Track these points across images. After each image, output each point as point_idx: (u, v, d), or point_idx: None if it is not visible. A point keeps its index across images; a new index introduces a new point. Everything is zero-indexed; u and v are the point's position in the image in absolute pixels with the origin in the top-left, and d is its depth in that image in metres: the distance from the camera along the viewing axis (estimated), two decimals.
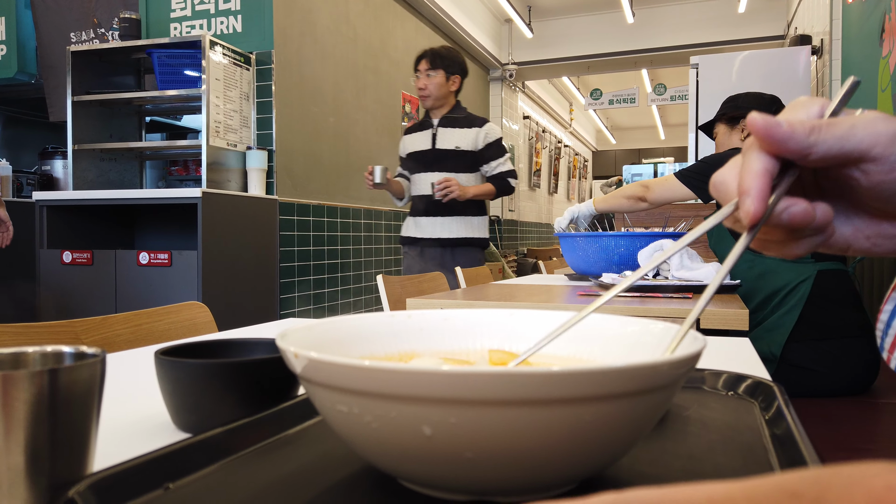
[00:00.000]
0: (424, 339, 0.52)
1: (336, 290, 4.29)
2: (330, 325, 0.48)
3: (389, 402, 0.31)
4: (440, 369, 0.29)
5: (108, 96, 3.41)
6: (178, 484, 0.38)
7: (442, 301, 1.49)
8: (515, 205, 8.19)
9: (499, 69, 7.47)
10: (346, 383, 0.32)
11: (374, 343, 0.50)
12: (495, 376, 0.29)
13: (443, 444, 0.31)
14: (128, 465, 0.37)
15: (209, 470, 0.40)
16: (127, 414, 0.59)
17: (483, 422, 0.30)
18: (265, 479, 0.39)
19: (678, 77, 8.83)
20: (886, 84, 2.79)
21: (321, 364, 0.32)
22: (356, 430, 0.34)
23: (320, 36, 4.10)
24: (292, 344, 0.36)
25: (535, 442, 0.31)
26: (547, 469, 0.33)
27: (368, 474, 0.40)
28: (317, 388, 0.34)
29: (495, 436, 0.31)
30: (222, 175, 3.31)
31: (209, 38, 3.18)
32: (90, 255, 3.09)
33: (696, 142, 4.58)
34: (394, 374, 0.30)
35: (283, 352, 0.36)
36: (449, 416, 0.30)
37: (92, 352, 0.39)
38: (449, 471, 0.33)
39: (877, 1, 3.02)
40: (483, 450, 0.31)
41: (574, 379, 0.29)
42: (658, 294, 1.51)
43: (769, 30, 6.35)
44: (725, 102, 2.36)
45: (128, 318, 1.12)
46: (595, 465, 0.36)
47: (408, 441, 0.32)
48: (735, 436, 0.47)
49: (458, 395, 0.29)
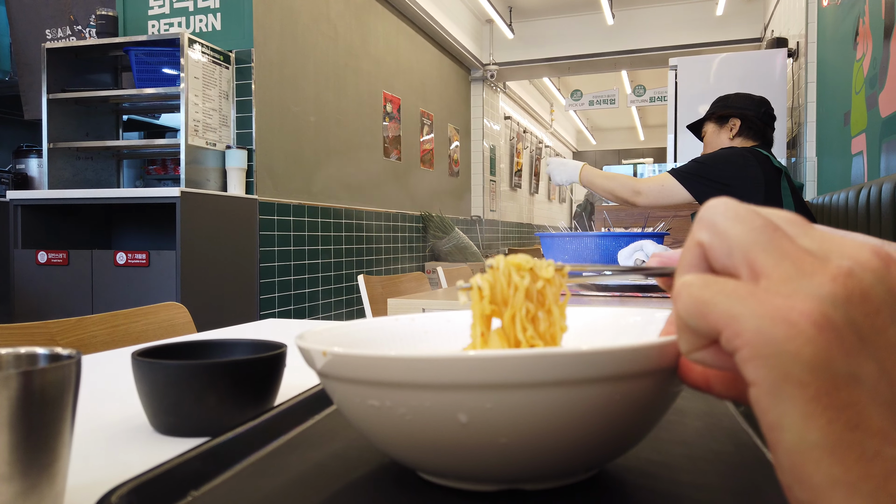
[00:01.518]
0: (429, 341, 0.52)
1: (317, 290, 4.27)
2: (339, 330, 0.47)
3: (425, 392, 0.31)
4: (476, 354, 0.30)
5: (85, 94, 3.36)
6: (202, 491, 0.38)
7: (423, 301, 1.49)
8: (497, 205, 8.21)
9: (480, 69, 7.48)
10: (380, 376, 0.32)
11: (379, 347, 0.50)
12: (531, 358, 0.29)
13: (478, 431, 0.32)
14: (153, 473, 0.37)
15: (227, 476, 0.40)
16: (103, 417, 0.58)
17: (519, 405, 0.31)
18: (283, 482, 0.39)
19: (657, 78, 8.92)
20: (860, 87, 2.84)
21: (353, 359, 0.33)
22: (387, 424, 0.34)
23: (300, 35, 4.08)
24: (313, 344, 0.36)
25: (570, 423, 0.32)
26: (578, 452, 0.34)
27: (387, 471, 0.40)
28: (344, 385, 0.34)
29: (531, 419, 0.31)
30: (201, 174, 3.28)
31: (188, 36, 3.15)
32: (66, 255, 3.04)
33: (674, 143, 4.63)
34: (430, 362, 0.30)
35: (306, 351, 0.36)
36: (485, 401, 0.31)
37: (67, 353, 0.38)
38: (481, 459, 0.33)
39: (851, 4, 3.07)
40: (518, 434, 0.32)
41: (607, 357, 0.30)
42: (637, 293, 1.52)
43: (746, 32, 6.43)
44: (715, 102, 2.39)
45: (104, 319, 1.11)
46: (623, 446, 0.37)
47: (442, 431, 0.32)
48: (716, 422, 0.49)
49: (495, 379, 0.30)
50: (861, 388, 0.21)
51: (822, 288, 0.22)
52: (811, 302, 0.22)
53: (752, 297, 0.23)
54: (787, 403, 0.22)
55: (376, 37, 5.18)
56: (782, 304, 0.22)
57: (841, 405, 0.21)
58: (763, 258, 0.24)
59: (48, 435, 0.34)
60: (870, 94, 2.68)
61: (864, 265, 0.23)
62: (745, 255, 0.24)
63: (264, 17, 3.68)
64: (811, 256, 0.23)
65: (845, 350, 0.21)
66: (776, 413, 0.22)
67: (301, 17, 4.08)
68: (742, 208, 0.25)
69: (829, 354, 0.21)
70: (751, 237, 0.24)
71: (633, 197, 2.25)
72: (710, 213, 0.26)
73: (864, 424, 0.21)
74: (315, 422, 0.51)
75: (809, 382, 0.21)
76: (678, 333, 0.27)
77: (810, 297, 0.22)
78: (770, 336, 0.22)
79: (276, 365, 0.56)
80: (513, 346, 0.40)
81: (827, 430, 0.21)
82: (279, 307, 3.83)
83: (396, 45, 5.58)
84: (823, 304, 0.22)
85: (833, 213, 2.89)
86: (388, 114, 5.35)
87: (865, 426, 0.21)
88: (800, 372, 0.21)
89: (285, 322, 1.23)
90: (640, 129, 13.50)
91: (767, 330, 0.22)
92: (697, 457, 0.42)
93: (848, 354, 0.21)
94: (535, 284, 0.40)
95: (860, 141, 2.83)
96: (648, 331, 0.47)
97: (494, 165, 8.10)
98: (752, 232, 0.24)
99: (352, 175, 4.73)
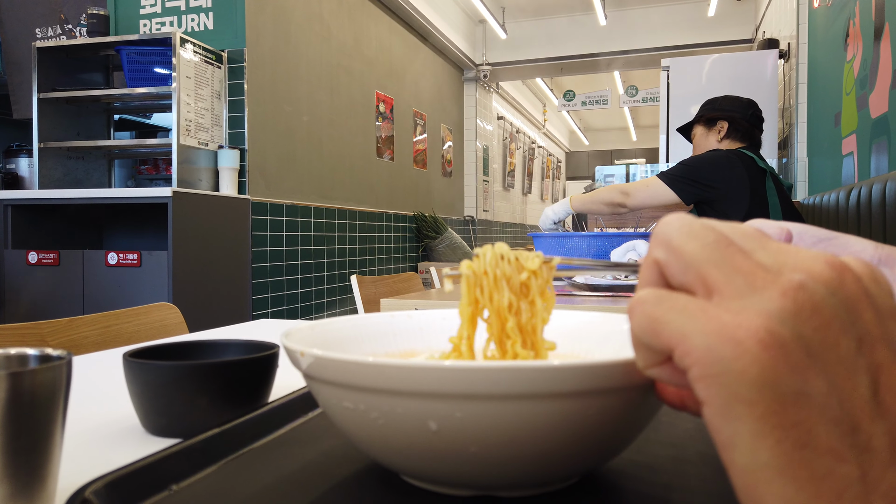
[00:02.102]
0: (424, 338, 0.52)
1: (310, 290, 4.26)
2: (330, 325, 0.48)
3: (396, 398, 0.31)
4: (446, 365, 0.30)
5: (76, 93, 3.35)
6: (182, 485, 0.38)
7: (416, 301, 1.48)
8: (490, 205, 8.22)
9: (473, 70, 7.48)
10: (353, 380, 0.32)
11: (374, 342, 0.50)
12: (500, 371, 0.29)
13: (448, 439, 0.32)
14: (135, 466, 0.37)
15: (211, 470, 0.41)
16: (95, 418, 0.58)
17: (488, 416, 0.31)
18: (267, 479, 0.39)
19: (649, 79, 8.94)
20: (851, 88, 2.86)
21: (328, 362, 0.33)
22: (362, 426, 0.34)
23: (293, 34, 4.07)
24: (297, 343, 0.36)
25: (540, 436, 0.32)
26: (551, 463, 0.34)
27: (371, 471, 0.40)
28: (322, 386, 0.35)
29: (500, 430, 0.31)
30: (193, 174, 3.27)
31: (180, 36, 3.14)
32: (56, 255, 3.02)
33: (667, 143, 4.64)
34: (400, 370, 0.30)
35: (289, 350, 0.36)
36: (455, 410, 0.31)
37: (57, 354, 0.38)
38: (454, 466, 0.33)
39: (842, 6, 3.09)
40: (488, 444, 0.32)
41: (580, 373, 0.30)
42: (629, 293, 1.53)
43: (738, 33, 6.46)
44: (704, 105, 2.41)
45: (95, 320, 1.10)
46: (599, 459, 0.37)
47: (413, 437, 0.32)
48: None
49: (464, 389, 0.30)
50: (810, 405, 0.21)
51: (772, 303, 0.22)
52: (759, 318, 0.21)
53: (702, 314, 0.23)
54: (737, 423, 0.21)
55: (369, 36, 5.18)
56: (730, 322, 0.22)
57: (789, 424, 0.21)
58: (715, 274, 0.24)
59: (39, 437, 0.34)
60: (860, 95, 2.69)
61: (817, 277, 0.22)
62: (698, 271, 0.24)
63: (256, 16, 3.67)
64: (764, 271, 0.23)
65: (791, 367, 0.21)
66: (727, 433, 0.22)
67: (294, 17, 4.07)
68: (697, 224, 0.25)
69: (775, 372, 0.21)
70: (704, 253, 0.24)
71: (622, 198, 2.28)
72: (666, 229, 0.26)
73: (813, 443, 0.20)
74: (303, 421, 0.51)
75: (757, 401, 0.21)
76: (634, 350, 0.26)
77: (758, 313, 0.22)
78: (718, 355, 0.22)
79: (269, 366, 0.56)
80: (496, 337, 0.40)
81: (776, 450, 0.21)
82: (272, 308, 3.82)
83: (389, 44, 5.57)
84: (771, 321, 0.21)
85: (824, 213, 2.91)
86: (381, 114, 5.34)
87: (815, 444, 0.20)
88: (747, 391, 0.21)
89: (278, 322, 1.22)
90: (633, 129, 13.55)
91: (715, 348, 0.22)
92: (683, 459, 0.42)
93: (794, 371, 0.21)
94: (520, 276, 0.40)
95: (850, 142, 2.85)
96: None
97: (487, 166, 8.11)
98: (705, 248, 0.24)
99: (345, 175, 4.72)
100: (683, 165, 2.25)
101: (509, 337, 0.40)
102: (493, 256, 0.40)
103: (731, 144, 2.35)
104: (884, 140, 2.38)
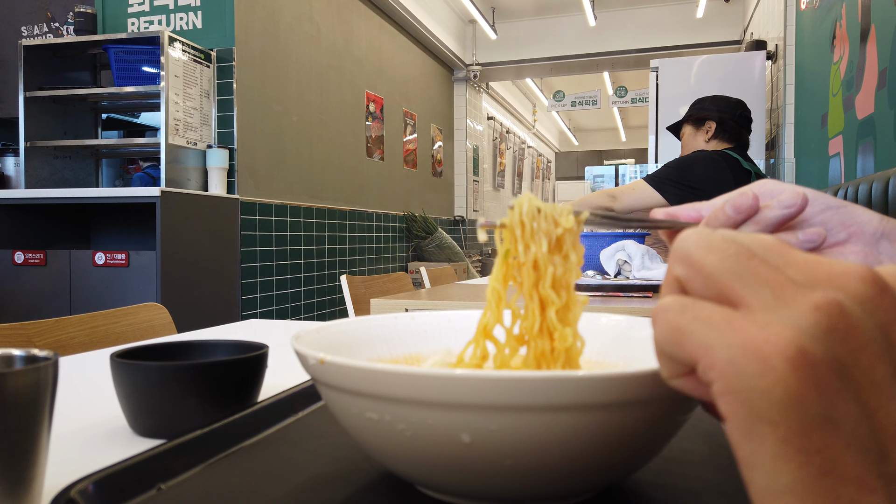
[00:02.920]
0: (429, 341, 0.51)
1: (299, 290, 4.25)
2: (336, 329, 0.47)
3: (427, 410, 0.30)
4: (484, 374, 0.28)
5: (63, 92, 3.32)
6: (170, 484, 0.38)
7: (406, 301, 1.48)
8: (480, 205, 8.23)
9: (463, 70, 7.49)
10: (381, 390, 0.30)
11: (379, 346, 0.49)
12: (542, 381, 0.28)
13: (481, 452, 0.30)
14: (122, 465, 0.37)
15: (199, 469, 0.40)
16: (82, 419, 0.58)
17: (527, 428, 0.29)
18: (255, 478, 0.39)
19: (639, 80, 8.98)
20: (837, 89, 2.88)
21: (352, 371, 0.31)
22: (385, 438, 0.33)
23: (283, 34, 4.05)
24: (307, 348, 0.35)
25: (578, 447, 0.30)
26: (583, 474, 0.33)
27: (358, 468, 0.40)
28: (342, 395, 0.33)
29: (539, 442, 0.30)
30: (182, 174, 3.25)
31: (168, 34, 3.12)
32: (43, 255, 3.00)
33: (655, 144, 4.67)
34: (435, 379, 0.29)
35: (304, 357, 0.34)
36: (490, 422, 0.29)
37: (44, 355, 0.37)
38: (483, 479, 0.32)
39: (828, 8, 3.12)
40: (524, 457, 0.30)
41: (629, 382, 0.29)
42: (619, 293, 1.53)
43: (726, 35, 6.50)
44: (693, 104, 2.43)
45: (83, 321, 1.09)
46: (631, 469, 0.36)
47: (443, 449, 0.31)
48: (696, 423, 0.48)
49: (503, 401, 0.28)
50: (838, 431, 0.19)
51: (803, 318, 0.20)
52: (788, 334, 0.20)
53: (727, 326, 0.21)
54: (758, 442, 0.20)
55: (359, 36, 5.17)
56: (756, 335, 0.20)
57: (813, 449, 0.19)
58: (739, 287, 0.22)
59: (24, 438, 0.34)
60: (846, 96, 2.72)
61: (855, 296, 0.21)
62: (720, 285, 0.23)
63: (246, 15, 3.65)
64: (794, 285, 0.21)
65: (821, 390, 0.20)
66: (748, 451, 0.20)
67: (283, 16, 4.05)
68: (716, 236, 0.24)
69: (802, 395, 0.19)
70: (725, 266, 0.23)
71: (609, 202, 2.31)
72: (684, 244, 0.24)
73: (838, 470, 0.19)
74: (292, 421, 0.50)
75: (780, 423, 0.20)
76: (658, 359, 0.25)
77: (788, 328, 0.20)
78: (741, 370, 0.20)
79: (258, 366, 0.56)
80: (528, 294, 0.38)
81: (798, 475, 0.19)
82: (261, 308, 3.81)
83: (379, 44, 5.57)
84: (802, 337, 0.20)
85: None
86: (371, 113, 5.33)
87: (840, 472, 0.19)
88: (770, 411, 0.20)
89: (267, 323, 1.21)
90: (622, 130, 13.59)
91: (739, 363, 0.20)
92: (667, 457, 0.42)
93: (824, 395, 0.20)
94: (556, 230, 0.39)
95: (837, 142, 2.87)
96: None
97: (477, 166, 8.12)
98: (726, 260, 0.23)
99: (334, 175, 4.71)
100: (668, 168, 2.27)
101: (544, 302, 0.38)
102: (530, 209, 0.38)
103: (718, 145, 2.37)
104: (870, 141, 2.40)
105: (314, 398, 0.55)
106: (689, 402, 0.32)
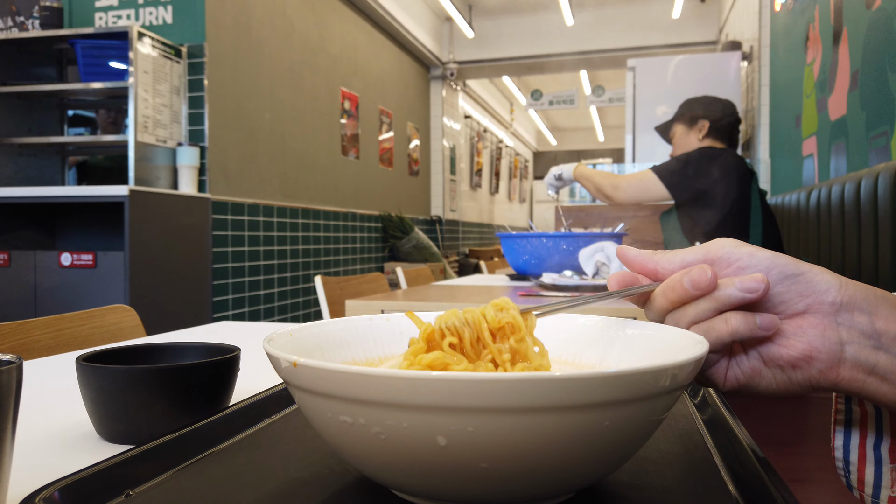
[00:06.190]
0: (405, 344, 0.51)
1: (272, 291, 4.19)
2: (309, 331, 0.46)
3: (403, 412, 0.29)
4: (462, 376, 0.28)
5: (28, 88, 3.25)
6: (139, 490, 0.37)
7: (382, 303, 1.45)
8: (457, 205, 8.22)
9: (440, 68, 7.47)
10: (355, 393, 0.30)
11: (354, 348, 0.49)
12: (517, 382, 0.28)
13: (457, 455, 0.30)
14: (89, 471, 0.36)
15: (169, 475, 0.40)
16: (47, 425, 0.56)
17: (504, 430, 0.29)
18: (226, 483, 0.39)
19: (616, 79, 9.04)
20: (811, 90, 2.91)
21: (326, 373, 0.31)
22: (359, 441, 0.32)
23: (255, 29, 3.99)
24: (279, 350, 0.34)
25: (554, 449, 0.30)
26: (559, 476, 0.33)
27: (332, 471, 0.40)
28: (316, 399, 0.33)
29: (516, 444, 0.30)
30: (151, 172, 3.18)
31: (137, 29, 3.05)
32: (7, 256, 2.92)
33: (633, 143, 4.69)
34: (411, 381, 0.28)
35: (276, 360, 0.34)
36: (467, 424, 0.29)
37: (7, 358, 0.36)
38: (459, 482, 0.32)
39: (802, 10, 3.15)
40: (500, 459, 0.30)
41: (610, 382, 0.29)
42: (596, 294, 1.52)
43: (702, 35, 6.57)
44: (683, 105, 2.45)
45: (48, 323, 1.07)
46: (606, 470, 0.36)
47: (419, 452, 0.31)
48: (672, 423, 0.50)
49: (480, 403, 0.28)
50: None
51: None
52: None
53: None
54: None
55: (333, 33, 5.12)
56: None
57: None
58: None
59: None
60: (820, 97, 2.74)
61: None
62: None
63: (217, 10, 3.58)
64: None
65: None
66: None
67: (255, 12, 3.99)
68: None
69: None
70: None
71: (611, 191, 2.31)
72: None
73: None
74: (265, 425, 0.50)
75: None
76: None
77: None
78: None
79: (229, 369, 0.55)
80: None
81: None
82: (233, 309, 3.74)
83: (354, 41, 5.52)
84: None
85: (785, 213, 2.96)
86: (346, 111, 5.29)
87: None
88: None
89: (239, 325, 1.19)
90: (600, 129, 13.69)
91: None
92: (642, 457, 0.42)
93: None
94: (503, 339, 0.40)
95: (811, 143, 2.90)
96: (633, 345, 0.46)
97: (454, 165, 8.11)
98: None
99: (309, 174, 4.66)
100: (678, 161, 2.26)
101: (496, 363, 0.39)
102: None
103: (712, 143, 2.39)
104: (842, 142, 2.42)
105: (287, 402, 0.55)
106: (665, 403, 0.32)
